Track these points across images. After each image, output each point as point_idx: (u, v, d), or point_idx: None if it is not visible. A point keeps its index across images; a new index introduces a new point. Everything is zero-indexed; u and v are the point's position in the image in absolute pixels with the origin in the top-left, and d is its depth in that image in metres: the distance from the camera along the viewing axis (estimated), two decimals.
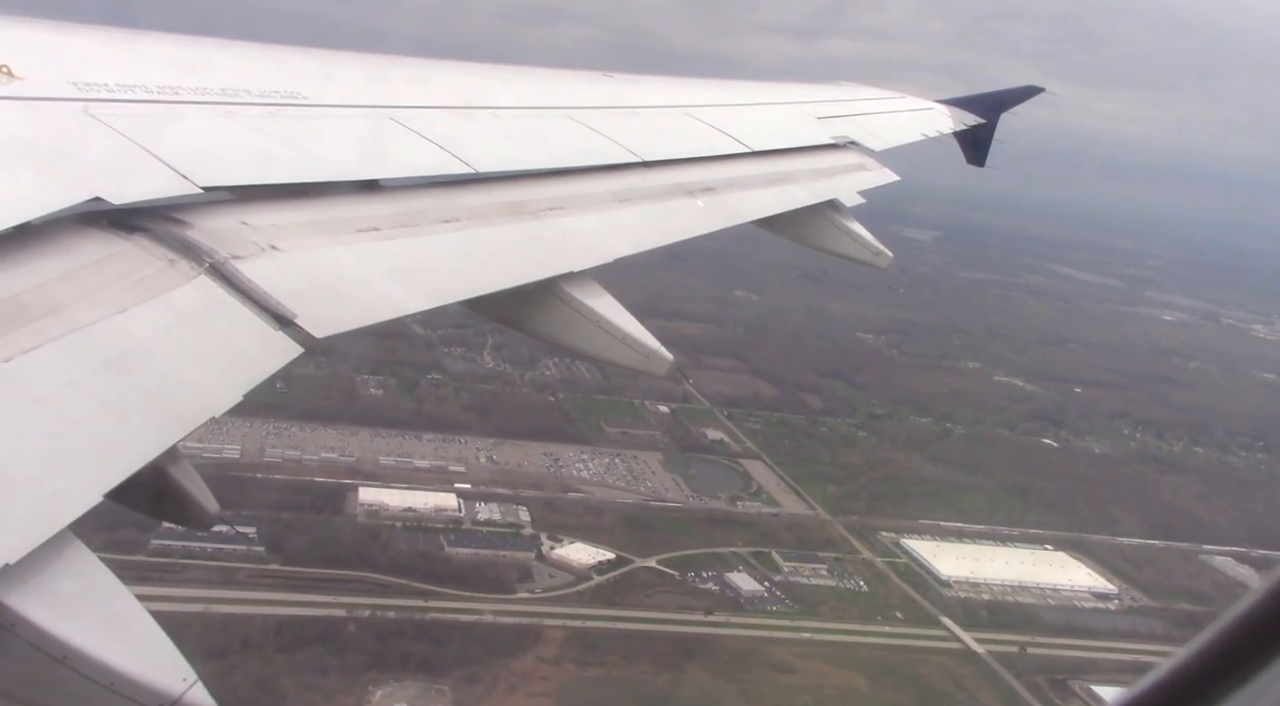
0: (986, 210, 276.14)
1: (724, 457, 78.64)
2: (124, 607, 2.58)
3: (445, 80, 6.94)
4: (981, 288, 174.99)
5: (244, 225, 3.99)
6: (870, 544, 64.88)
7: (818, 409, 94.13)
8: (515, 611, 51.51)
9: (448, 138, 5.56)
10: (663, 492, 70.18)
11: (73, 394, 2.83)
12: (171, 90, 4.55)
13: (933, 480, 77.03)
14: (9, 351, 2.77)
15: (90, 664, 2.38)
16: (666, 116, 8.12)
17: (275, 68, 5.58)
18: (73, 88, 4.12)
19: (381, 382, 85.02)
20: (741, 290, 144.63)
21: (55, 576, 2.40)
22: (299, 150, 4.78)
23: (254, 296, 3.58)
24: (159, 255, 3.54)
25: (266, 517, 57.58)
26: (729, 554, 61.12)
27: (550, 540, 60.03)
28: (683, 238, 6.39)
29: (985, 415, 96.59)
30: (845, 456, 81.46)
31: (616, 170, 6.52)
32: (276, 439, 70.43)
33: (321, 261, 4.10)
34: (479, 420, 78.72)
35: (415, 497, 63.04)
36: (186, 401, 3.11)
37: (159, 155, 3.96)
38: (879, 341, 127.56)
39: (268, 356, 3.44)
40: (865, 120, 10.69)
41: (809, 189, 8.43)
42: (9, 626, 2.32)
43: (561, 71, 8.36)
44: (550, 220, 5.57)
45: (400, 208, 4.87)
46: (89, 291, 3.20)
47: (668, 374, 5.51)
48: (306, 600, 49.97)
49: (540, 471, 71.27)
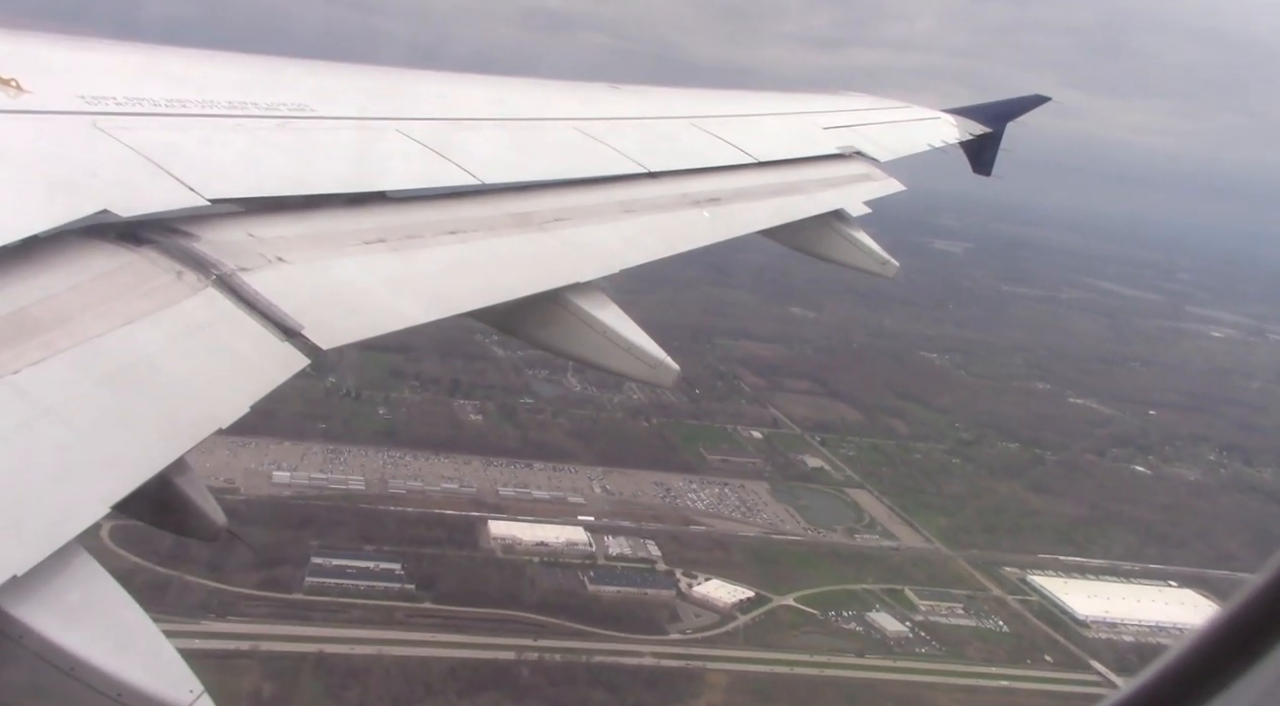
0: (1012, 221, 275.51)
1: (829, 487, 78.77)
2: (131, 619, 2.56)
3: (452, 92, 6.96)
4: (1025, 303, 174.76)
5: (251, 237, 3.99)
6: (997, 580, 64.92)
7: (905, 434, 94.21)
8: (673, 653, 51.68)
9: (454, 149, 5.57)
10: (780, 525, 70.32)
11: (80, 405, 2.85)
12: (179, 103, 4.57)
13: (1040, 511, 77.03)
14: (17, 363, 2.78)
15: (97, 675, 2.38)
16: (672, 127, 8.15)
17: (282, 80, 5.58)
18: (80, 101, 4.14)
19: (479, 408, 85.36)
20: (797, 307, 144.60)
21: (63, 588, 2.41)
22: (305, 162, 4.82)
23: (261, 308, 3.59)
24: (166, 267, 3.54)
25: (409, 553, 57.95)
26: (862, 591, 61.21)
27: (686, 576, 60.20)
28: (689, 248, 6.40)
29: (1070, 440, 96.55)
30: (946, 485, 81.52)
31: (622, 181, 6.53)
32: (394, 468, 70.73)
33: (328, 273, 4.11)
34: (583, 448, 78.93)
35: (545, 531, 63.24)
36: (194, 413, 3.13)
37: (166, 168, 3.97)
38: (944, 361, 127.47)
39: (274, 368, 3.44)
40: (871, 130, 10.71)
41: (815, 199, 8.46)
42: (16, 637, 2.33)
43: (567, 83, 8.38)
44: (556, 231, 5.56)
45: (406, 219, 4.87)
46: (96, 303, 3.22)
47: (674, 384, 5.57)
48: (469, 641, 50.17)
49: (656, 502, 71.44)
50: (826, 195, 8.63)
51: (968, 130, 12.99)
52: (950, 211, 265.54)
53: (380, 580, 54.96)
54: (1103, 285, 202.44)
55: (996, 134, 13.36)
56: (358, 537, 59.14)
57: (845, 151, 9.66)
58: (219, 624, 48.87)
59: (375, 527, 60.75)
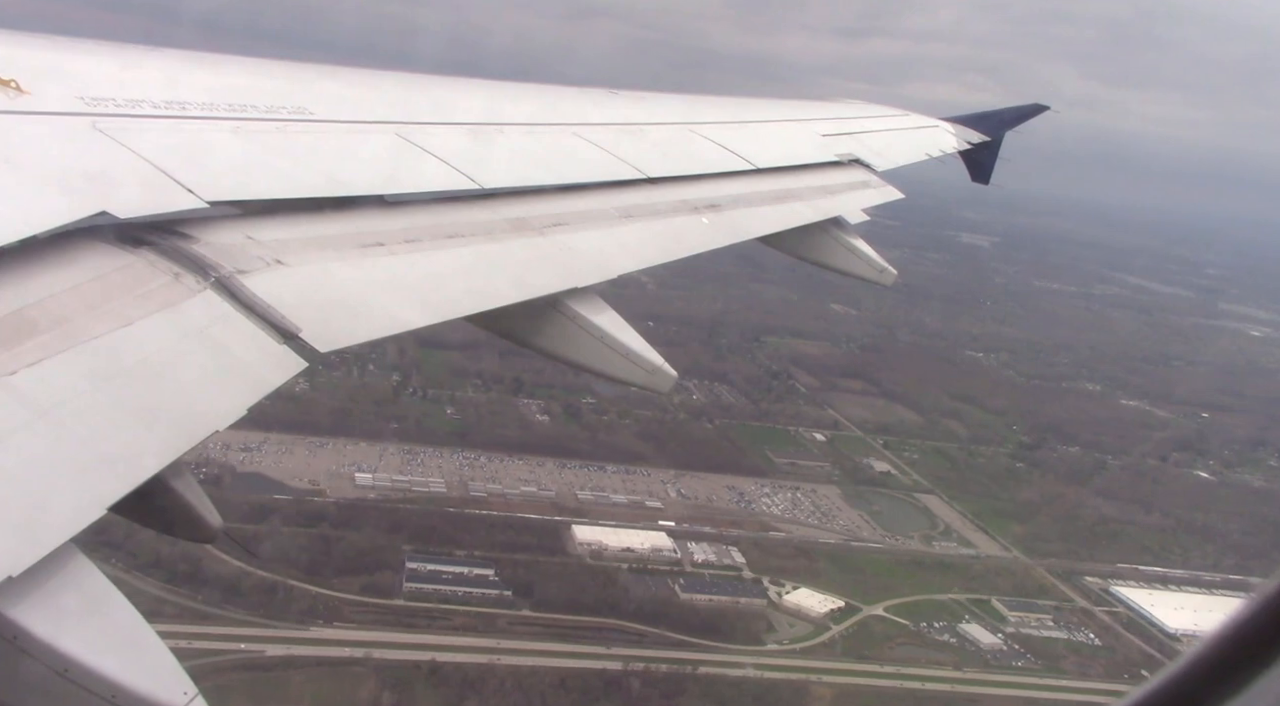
0: (1034, 213, 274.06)
1: (898, 492, 78.68)
2: (126, 621, 2.55)
3: (452, 97, 6.94)
4: (1060, 299, 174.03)
5: (250, 240, 3.98)
6: (1080, 590, 64.83)
7: (965, 437, 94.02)
8: (775, 665, 51.80)
9: (454, 154, 5.56)
10: (857, 531, 70.31)
11: (77, 407, 2.83)
12: (179, 105, 4.55)
13: (1113, 519, 76.82)
14: (14, 364, 2.78)
15: (92, 677, 2.38)
16: (672, 133, 8.15)
17: (282, 83, 5.56)
18: (80, 102, 4.13)
19: (544, 408, 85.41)
20: (837, 304, 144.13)
21: (58, 589, 2.40)
22: (305, 166, 4.80)
23: (259, 311, 3.57)
24: (165, 269, 3.53)
25: (500, 559, 58.11)
26: (949, 601, 61.18)
27: (774, 584, 60.26)
28: (687, 254, 6.41)
29: (1129, 444, 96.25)
30: (1015, 491, 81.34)
31: (622, 187, 6.53)
32: (470, 470, 70.90)
33: (327, 276, 4.09)
34: (652, 450, 78.92)
35: (629, 537, 63.31)
36: (191, 415, 3.10)
37: (166, 170, 3.96)
38: (990, 360, 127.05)
39: (272, 371, 3.42)
40: (869, 138, 10.74)
41: (813, 206, 8.46)
42: (11, 638, 2.33)
43: (568, 88, 8.37)
44: (556, 236, 5.55)
45: (406, 223, 4.86)
46: (94, 305, 3.20)
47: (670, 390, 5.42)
48: (573, 651, 50.38)
49: (732, 508, 71.49)
50: (825, 202, 8.64)
51: (966, 139, 13.01)
52: (973, 204, 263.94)
53: (476, 586, 55.12)
54: (1132, 280, 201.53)
55: (995, 143, 13.35)
56: (448, 542, 59.31)
57: (844, 159, 9.66)
58: (328, 630, 49.13)
59: (463, 531, 60.89)
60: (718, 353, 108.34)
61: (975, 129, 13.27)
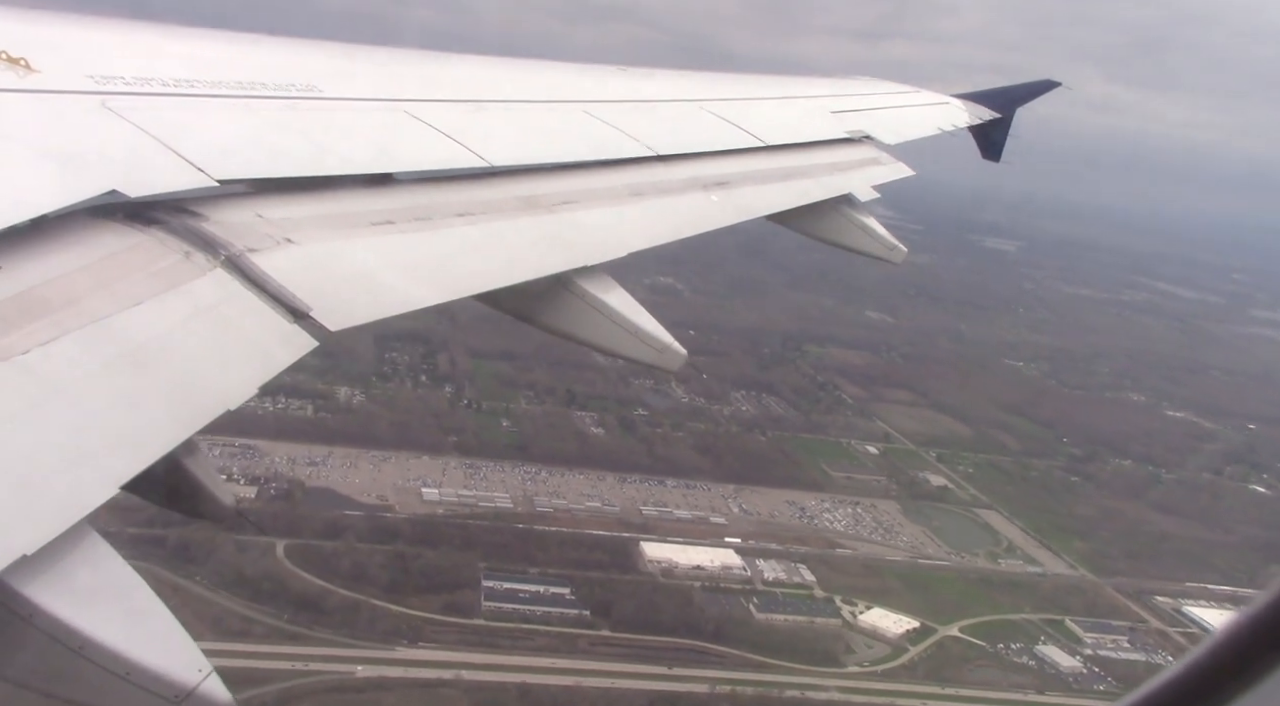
0: (1057, 218, 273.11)
1: (957, 507, 78.33)
2: (140, 599, 2.55)
3: (460, 74, 6.85)
4: (1090, 305, 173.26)
5: (259, 218, 3.96)
6: (1152, 610, 64.38)
7: (1016, 449, 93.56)
8: (859, 687, 51.57)
9: (462, 131, 5.48)
10: (921, 548, 69.99)
11: (90, 386, 2.82)
12: (188, 83, 4.51)
13: (1175, 535, 76.27)
14: (27, 343, 2.77)
15: (107, 655, 2.39)
16: (681, 111, 8.03)
17: (292, 61, 5.50)
18: (90, 81, 4.10)
19: (598, 421, 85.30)
20: (872, 311, 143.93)
21: (73, 568, 2.41)
22: (314, 143, 4.75)
23: (269, 289, 3.54)
24: (175, 248, 3.52)
25: (574, 577, 58.04)
26: (1022, 621, 60.82)
27: (846, 603, 60.04)
28: (696, 232, 6.29)
29: (1180, 457, 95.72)
30: (1072, 505, 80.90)
31: (630, 164, 6.45)
32: (533, 485, 70.84)
33: (336, 254, 4.07)
34: (709, 464, 78.72)
35: (699, 554, 63.18)
36: (202, 394, 3.07)
37: (175, 148, 3.92)
38: (1031, 369, 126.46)
39: (282, 349, 3.40)
40: (880, 114, 10.57)
41: (823, 183, 8.33)
42: (27, 617, 2.34)
43: (576, 65, 8.23)
44: (564, 214, 5.50)
45: (414, 201, 4.84)
46: (105, 284, 3.19)
47: (679, 369, 5.29)
48: (657, 672, 50.27)
49: (795, 523, 71.26)
50: (835, 179, 8.54)
51: (977, 115, 12.80)
52: (993, 207, 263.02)
53: (553, 605, 55.08)
54: (1160, 286, 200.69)
55: (1006, 119, 13.15)
56: (521, 559, 59.27)
57: (854, 136, 9.53)
58: (413, 651, 49.14)
59: (534, 548, 60.86)
60: (761, 363, 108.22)
61: (986, 106, 13.13)
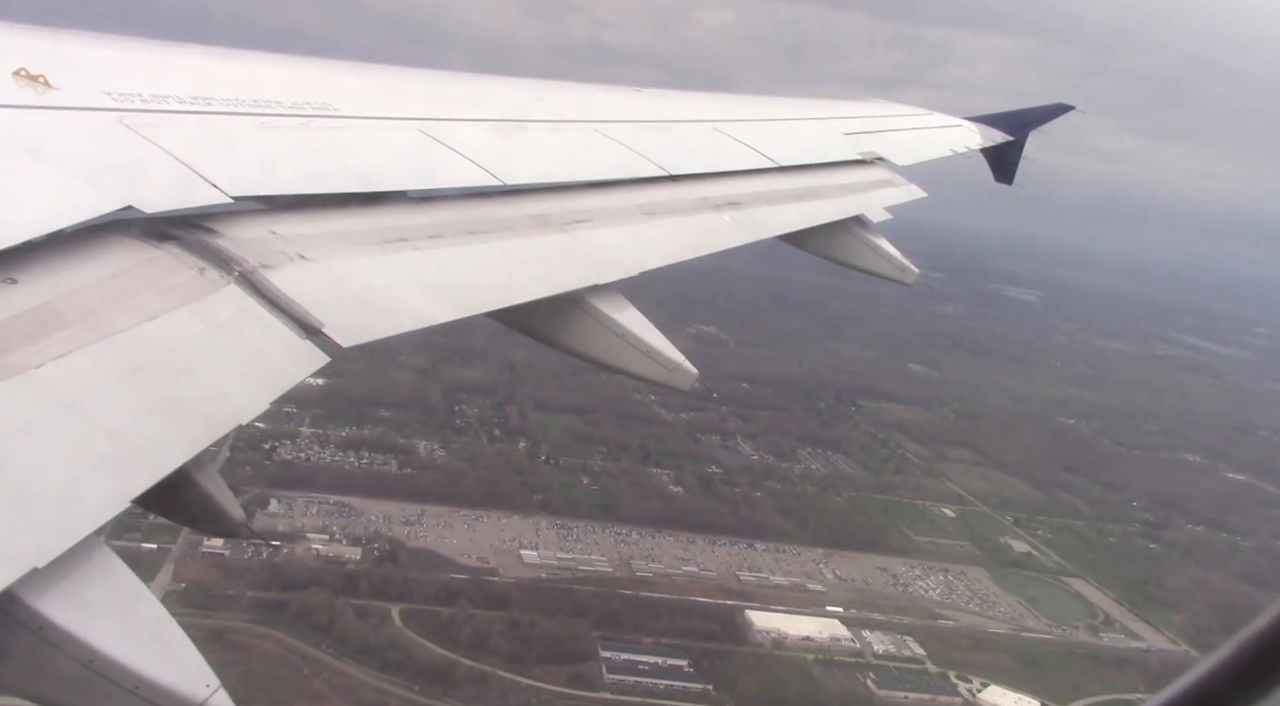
0: (1073, 266, 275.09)
1: (1045, 575, 77.60)
2: (150, 613, 2.56)
3: (475, 93, 6.89)
4: (1125, 360, 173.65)
5: (273, 234, 3.98)
6: None
7: (1088, 513, 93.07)
8: None
9: (476, 150, 5.50)
10: (1019, 619, 69.15)
11: (103, 400, 2.84)
12: (204, 101, 4.53)
13: (1267, 608, 75.38)
14: (41, 357, 2.79)
15: (116, 668, 2.38)
16: (694, 131, 8.05)
17: (307, 79, 5.53)
18: (108, 98, 4.12)
19: (675, 479, 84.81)
20: (915, 364, 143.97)
21: (83, 581, 2.41)
22: (329, 161, 4.78)
23: (282, 305, 3.56)
24: (189, 263, 3.55)
25: (691, 647, 57.26)
26: (1138, 702, 59.82)
27: (960, 680, 59.16)
28: (708, 252, 6.31)
29: (1251, 521, 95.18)
30: (1157, 574, 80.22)
31: (644, 184, 6.48)
32: (628, 548, 70.18)
33: (349, 271, 4.08)
34: (794, 526, 78.10)
35: (806, 624, 62.42)
36: (215, 409, 3.09)
37: (191, 165, 3.94)
38: (1083, 426, 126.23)
39: (295, 365, 3.41)
40: (893, 136, 10.60)
41: (835, 204, 8.36)
42: (36, 629, 2.34)
43: (591, 86, 8.21)
44: (576, 233, 5.51)
45: (428, 219, 4.85)
46: (120, 299, 3.21)
47: (691, 388, 5.29)
48: None
49: (890, 591, 70.48)
50: (847, 201, 8.57)
51: (990, 138, 12.86)
52: (1008, 255, 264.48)
53: (674, 678, 54.25)
54: (1189, 341, 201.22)
55: (1019, 142, 13.22)
56: (633, 628, 58.53)
57: (867, 157, 9.53)
58: None
59: (642, 616, 60.13)
60: (823, 419, 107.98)
61: (999, 128, 13.17)
